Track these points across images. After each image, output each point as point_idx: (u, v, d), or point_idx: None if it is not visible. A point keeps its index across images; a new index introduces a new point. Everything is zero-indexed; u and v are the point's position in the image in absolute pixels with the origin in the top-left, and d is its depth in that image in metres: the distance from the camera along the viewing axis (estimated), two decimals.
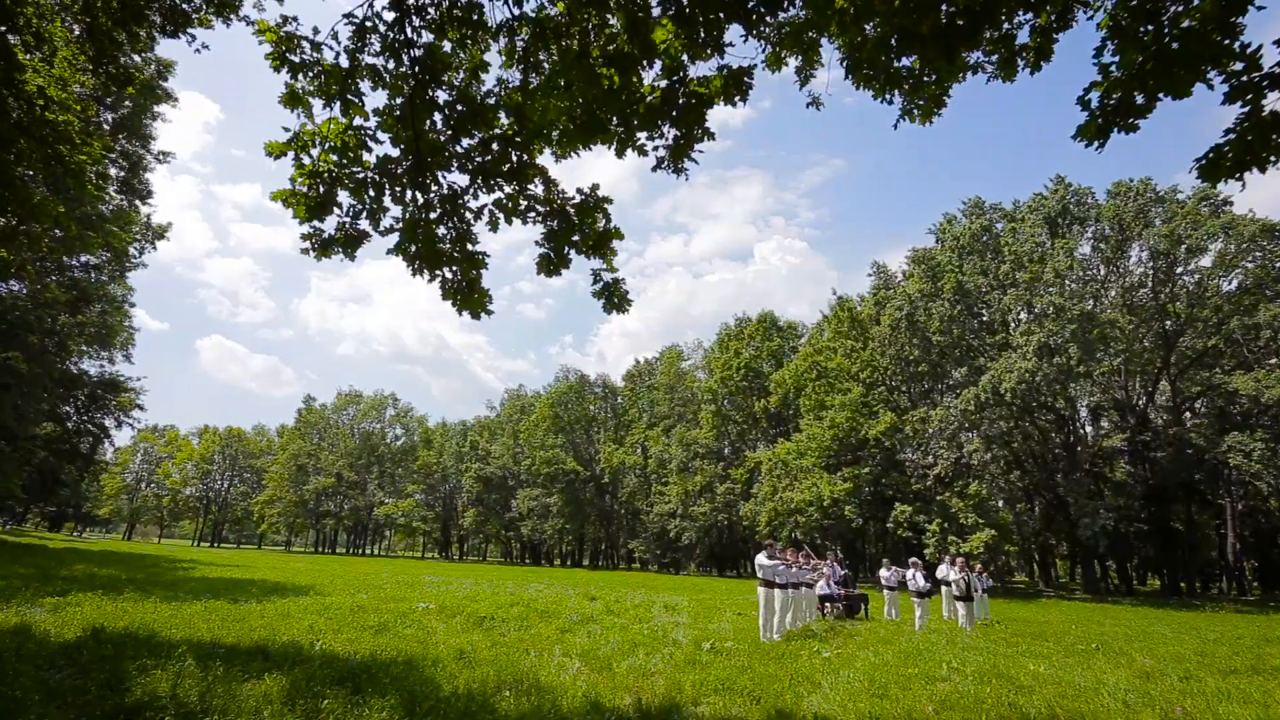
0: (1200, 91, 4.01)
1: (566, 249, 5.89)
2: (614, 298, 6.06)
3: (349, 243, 5.69)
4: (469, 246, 5.84)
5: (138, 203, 28.81)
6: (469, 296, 5.89)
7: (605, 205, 5.73)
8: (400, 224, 5.71)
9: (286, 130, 5.22)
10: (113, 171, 25.40)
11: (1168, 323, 36.97)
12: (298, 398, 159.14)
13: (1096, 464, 42.76)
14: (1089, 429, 43.58)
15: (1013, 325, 38.73)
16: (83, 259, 30.60)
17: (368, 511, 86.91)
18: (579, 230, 5.78)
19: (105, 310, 33.13)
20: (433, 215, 5.65)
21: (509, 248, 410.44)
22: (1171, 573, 39.10)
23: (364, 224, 5.65)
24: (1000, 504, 36.07)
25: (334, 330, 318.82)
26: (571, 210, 5.73)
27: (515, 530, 75.80)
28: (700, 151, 5.30)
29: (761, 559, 11.24)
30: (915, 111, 5.40)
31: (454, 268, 5.91)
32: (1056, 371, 31.77)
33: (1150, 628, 16.37)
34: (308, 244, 5.63)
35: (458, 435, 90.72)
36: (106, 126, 25.78)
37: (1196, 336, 37.44)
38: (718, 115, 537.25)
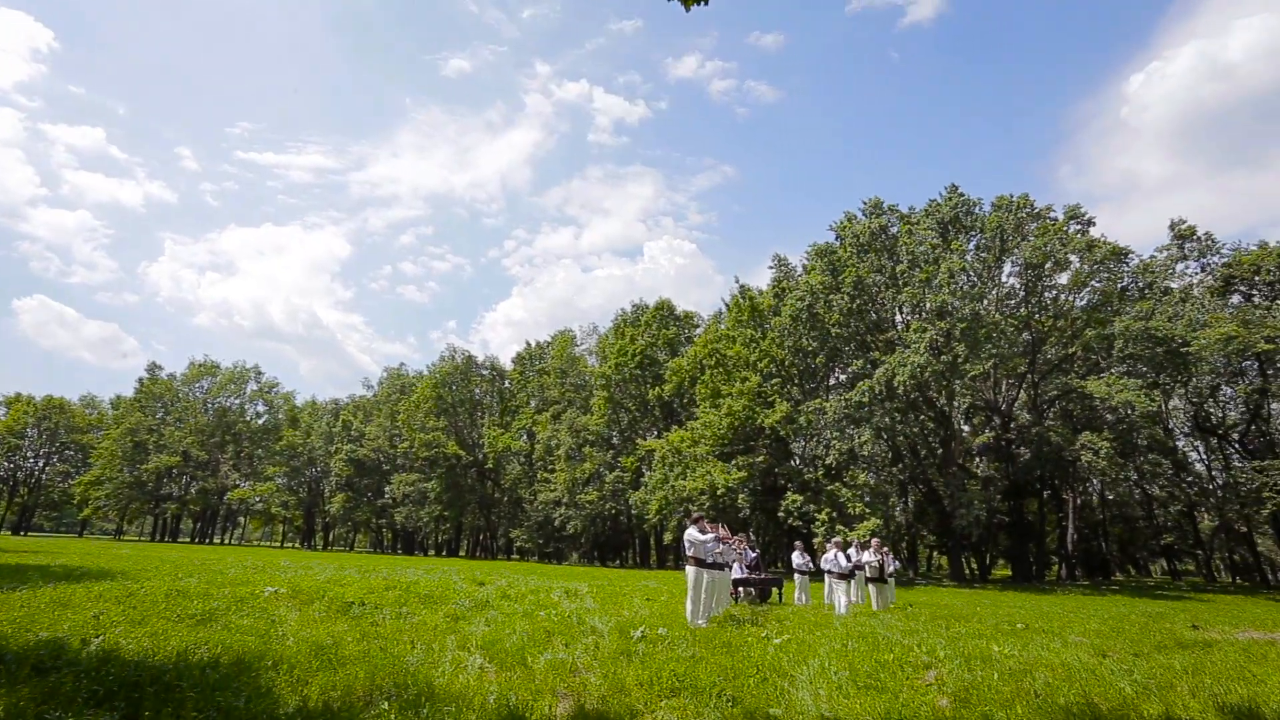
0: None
1: None
2: None
3: None
4: None
5: None
6: None
7: None
8: None
9: None
10: None
11: (1027, 334, 39.81)
12: (141, 369, 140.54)
13: (965, 460, 45.73)
14: (962, 427, 46.42)
15: (900, 323, 40.23)
16: None
17: (219, 495, 77.81)
18: None
19: None
20: None
21: (391, 226, 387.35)
22: (1022, 561, 42.31)
23: None
24: (866, 498, 37.24)
25: (189, 300, 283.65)
26: None
27: (388, 517, 70.74)
28: None
29: (694, 534, 9.74)
30: None
31: None
32: (945, 367, 33.10)
33: (1046, 609, 16.70)
34: None
35: (328, 415, 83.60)
36: None
37: (1055, 345, 40.68)
38: (616, 110, 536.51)
